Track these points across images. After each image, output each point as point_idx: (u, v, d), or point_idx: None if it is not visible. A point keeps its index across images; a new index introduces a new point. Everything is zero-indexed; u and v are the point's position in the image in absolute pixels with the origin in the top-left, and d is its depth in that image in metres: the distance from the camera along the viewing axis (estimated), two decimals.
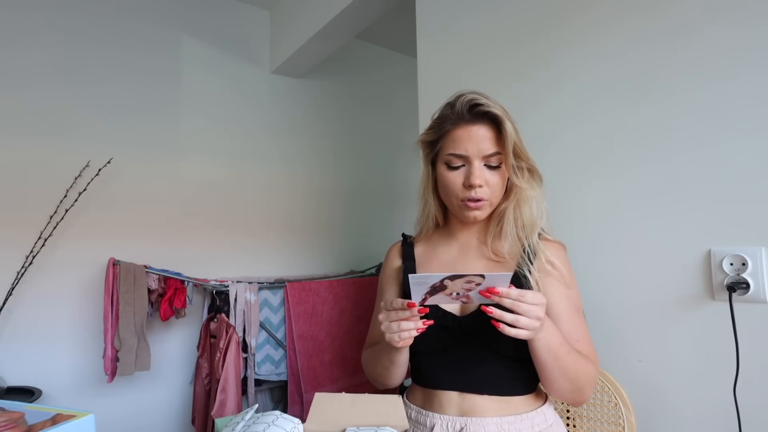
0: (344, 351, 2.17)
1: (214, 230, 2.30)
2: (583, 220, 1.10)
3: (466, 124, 0.83)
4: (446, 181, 0.86)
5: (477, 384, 0.82)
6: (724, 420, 0.85)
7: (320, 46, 2.26)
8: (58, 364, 1.89)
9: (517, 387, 0.83)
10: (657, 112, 0.98)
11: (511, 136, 0.81)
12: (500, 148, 0.83)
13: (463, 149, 0.83)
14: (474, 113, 0.83)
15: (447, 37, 1.49)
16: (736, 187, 0.86)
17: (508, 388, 0.82)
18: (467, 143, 0.82)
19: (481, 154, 0.82)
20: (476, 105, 0.83)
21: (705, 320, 0.90)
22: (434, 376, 0.86)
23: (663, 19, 0.97)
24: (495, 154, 0.83)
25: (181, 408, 2.17)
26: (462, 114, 0.84)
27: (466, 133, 0.83)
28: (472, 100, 0.83)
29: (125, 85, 2.12)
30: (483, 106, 0.82)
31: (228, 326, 1.88)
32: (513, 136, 0.82)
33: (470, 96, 0.84)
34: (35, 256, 1.78)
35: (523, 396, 0.84)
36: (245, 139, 2.45)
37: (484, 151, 0.82)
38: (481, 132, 0.82)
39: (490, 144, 0.82)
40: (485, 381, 0.82)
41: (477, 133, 0.82)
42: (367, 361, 0.97)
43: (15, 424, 0.56)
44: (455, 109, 0.85)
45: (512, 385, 0.83)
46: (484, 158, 0.83)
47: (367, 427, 0.63)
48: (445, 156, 0.86)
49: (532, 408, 0.84)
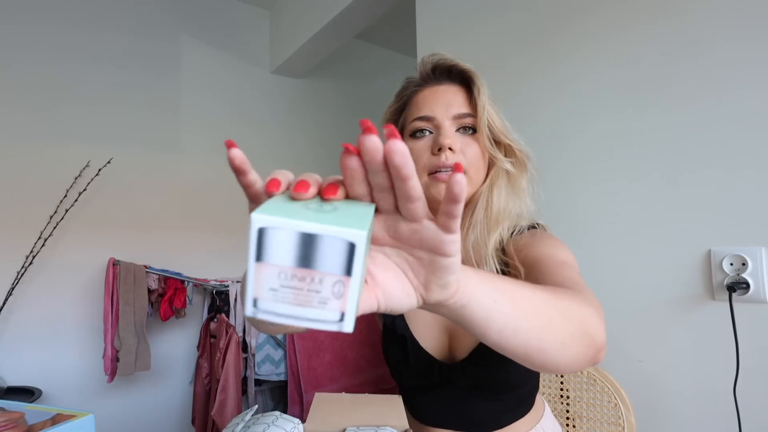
0: (344, 351, 2.16)
1: (214, 230, 2.30)
2: (584, 220, 1.10)
3: (432, 84, 0.71)
4: (411, 154, 0.72)
5: (475, 423, 0.73)
6: (724, 420, 0.85)
7: (320, 46, 2.26)
8: (58, 364, 1.89)
9: (517, 412, 0.75)
10: (658, 113, 0.98)
11: (484, 96, 0.68)
12: (473, 110, 0.68)
13: (429, 110, 0.69)
14: (440, 72, 0.72)
15: (447, 37, 1.49)
16: (736, 187, 0.86)
17: (508, 418, 0.74)
18: (433, 104, 0.69)
19: (451, 115, 0.68)
20: (442, 62, 0.71)
21: (705, 320, 0.90)
22: (429, 415, 0.76)
23: (668, 28, 0.97)
24: (467, 116, 0.68)
25: (181, 408, 2.17)
26: (427, 75, 0.72)
27: (432, 93, 0.70)
28: (437, 58, 0.72)
29: (125, 85, 2.12)
30: (448, 61, 0.71)
31: (228, 326, 1.89)
32: (486, 99, 0.68)
33: (435, 55, 0.72)
34: (35, 256, 1.78)
35: (523, 419, 0.75)
36: (245, 139, 2.44)
37: (453, 111, 0.68)
38: (450, 91, 0.70)
39: (461, 104, 0.69)
40: (484, 418, 0.73)
41: (445, 92, 0.70)
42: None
43: (15, 424, 0.56)
44: (419, 70, 0.73)
45: (512, 414, 0.74)
46: (455, 120, 0.68)
47: (367, 427, 0.63)
48: (410, 125, 0.70)
49: (531, 427, 0.76)
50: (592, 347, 0.44)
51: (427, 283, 0.32)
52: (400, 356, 0.75)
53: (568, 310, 0.43)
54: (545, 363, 0.41)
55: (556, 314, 0.41)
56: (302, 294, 0.25)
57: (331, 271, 0.25)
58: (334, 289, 0.25)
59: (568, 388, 1.01)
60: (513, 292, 0.38)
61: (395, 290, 0.31)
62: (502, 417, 0.73)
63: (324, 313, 0.25)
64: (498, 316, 0.36)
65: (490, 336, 0.37)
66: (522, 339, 0.38)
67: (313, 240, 0.24)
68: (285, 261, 0.25)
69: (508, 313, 0.36)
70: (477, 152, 0.68)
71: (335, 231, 0.24)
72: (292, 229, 0.24)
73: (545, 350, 0.40)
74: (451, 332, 0.74)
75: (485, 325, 0.36)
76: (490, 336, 0.37)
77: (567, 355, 0.41)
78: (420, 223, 0.30)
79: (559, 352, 0.40)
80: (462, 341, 0.72)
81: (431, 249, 0.30)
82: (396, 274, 0.32)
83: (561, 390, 1.02)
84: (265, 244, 0.25)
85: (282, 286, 0.25)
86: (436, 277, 0.31)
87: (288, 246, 0.24)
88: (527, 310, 0.38)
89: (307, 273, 0.25)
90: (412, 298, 0.32)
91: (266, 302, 0.25)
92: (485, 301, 0.35)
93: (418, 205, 0.29)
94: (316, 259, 0.25)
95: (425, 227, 0.29)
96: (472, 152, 0.68)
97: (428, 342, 0.74)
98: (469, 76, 0.70)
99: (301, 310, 0.25)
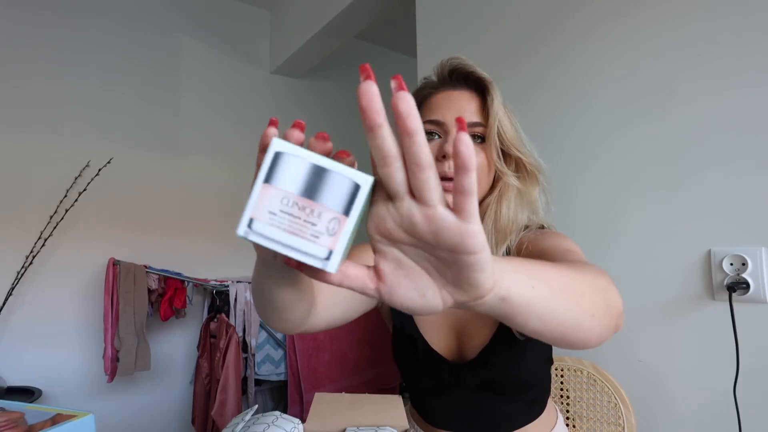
0: (344, 351, 2.16)
1: (214, 230, 2.30)
2: (584, 220, 1.10)
3: (448, 89, 0.72)
4: None
5: (487, 425, 0.72)
6: (724, 420, 0.85)
7: (320, 46, 2.26)
8: (58, 364, 1.89)
9: (529, 415, 0.73)
10: (658, 113, 0.98)
11: (497, 106, 0.68)
12: (485, 119, 0.69)
13: (440, 115, 0.69)
14: (456, 77, 0.72)
15: (447, 37, 1.49)
16: (736, 187, 0.86)
17: (519, 421, 0.72)
18: (445, 109, 0.69)
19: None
20: (460, 68, 0.71)
21: (705, 320, 0.90)
22: (442, 418, 0.75)
23: (668, 31, 0.97)
24: (477, 125, 0.69)
25: (181, 408, 2.17)
26: (443, 78, 0.73)
27: (446, 98, 0.70)
28: (456, 63, 0.71)
29: (125, 85, 2.12)
30: (466, 67, 0.70)
31: (228, 326, 1.89)
32: (500, 109, 0.68)
33: (455, 59, 0.72)
34: (35, 256, 1.78)
35: (535, 422, 0.74)
36: (245, 139, 2.45)
37: (464, 119, 0.70)
38: (464, 98, 0.70)
39: (473, 112, 0.69)
40: (495, 420, 0.72)
41: (458, 98, 0.70)
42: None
43: (15, 424, 0.56)
44: (437, 73, 0.74)
45: (524, 416, 0.73)
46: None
47: (367, 427, 0.63)
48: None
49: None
50: (615, 316, 0.44)
51: (456, 282, 0.29)
52: (410, 357, 0.74)
53: (592, 282, 0.43)
54: (578, 340, 0.40)
55: (585, 288, 0.42)
56: (298, 223, 0.26)
57: (332, 207, 0.26)
58: (329, 225, 0.26)
59: (568, 388, 1.01)
60: (546, 274, 0.38)
61: (404, 288, 0.30)
62: (514, 419, 0.72)
63: (314, 246, 0.26)
64: (537, 302, 0.35)
65: (530, 324, 0.36)
66: (560, 320, 0.37)
67: (323, 174, 0.26)
68: (292, 188, 0.26)
69: (547, 297, 0.35)
70: (482, 162, 0.68)
71: (345, 170, 0.26)
72: (307, 160, 0.26)
73: (579, 326, 0.39)
74: (460, 332, 0.73)
75: (526, 314, 0.34)
76: (531, 324, 0.36)
77: (596, 327, 0.41)
78: (434, 207, 0.26)
79: (590, 326, 0.40)
80: (471, 340, 0.71)
81: (452, 247, 0.27)
82: (411, 272, 0.30)
83: (561, 390, 1.02)
84: (278, 168, 0.26)
85: (281, 211, 0.26)
86: (465, 276, 0.28)
87: (298, 175, 0.26)
88: (561, 290, 0.38)
89: (309, 204, 0.26)
90: (435, 299, 0.30)
91: (261, 224, 0.26)
92: (524, 290, 0.33)
93: (430, 175, 0.26)
94: (321, 193, 0.26)
95: (441, 216, 0.26)
96: (478, 161, 0.67)
97: (437, 342, 0.73)
98: (485, 85, 0.69)
99: (292, 238, 0.26)
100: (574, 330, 0.39)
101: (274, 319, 0.51)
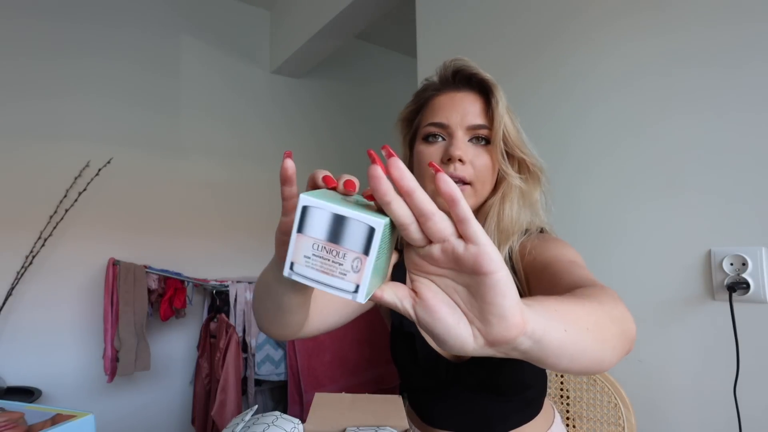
0: (344, 351, 2.16)
1: (214, 230, 2.30)
2: (584, 221, 1.10)
3: (451, 90, 0.71)
4: (421, 158, 0.70)
5: (483, 424, 0.73)
6: (724, 420, 0.85)
7: (320, 46, 2.26)
8: (58, 364, 1.89)
9: (525, 415, 0.74)
10: (657, 112, 0.98)
11: (501, 108, 0.67)
12: (488, 121, 0.68)
13: (444, 117, 0.69)
14: (460, 79, 0.71)
15: (447, 37, 1.49)
16: (736, 187, 0.86)
17: (516, 420, 0.73)
18: (449, 111, 0.69)
19: (465, 125, 0.68)
20: (463, 69, 0.70)
21: (705, 320, 0.90)
22: (439, 417, 0.75)
23: (669, 33, 0.97)
24: (482, 127, 0.68)
25: (181, 408, 2.17)
26: (447, 79, 0.72)
27: (449, 100, 0.70)
28: (459, 65, 0.71)
29: (125, 85, 2.12)
30: (470, 68, 0.70)
31: (228, 326, 1.89)
32: (505, 111, 0.68)
33: (458, 61, 0.71)
34: (35, 256, 1.78)
35: (532, 422, 0.74)
36: (245, 139, 2.45)
37: (468, 122, 0.68)
38: (468, 100, 0.69)
39: (477, 114, 0.68)
40: (492, 420, 0.73)
41: (462, 100, 0.69)
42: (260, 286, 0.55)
43: (15, 424, 0.56)
44: (440, 74, 0.73)
45: (520, 416, 0.74)
46: (468, 130, 0.68)
47: (367, 427, 0.63)
48: (424, 129, 0.71)
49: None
50: (629, 341, 0.46)
51: (482, 315, 0.30)
52: (408, 354, 0.74)
53: (611, 313, 0.44)
54: (597, 371, 0.42)
55: (606, 321, 0.43)
56: (328, 264, 0.31)
57: (353, 248, 0.30)
58: (353, 263, 0.30)
59: (568, 388, 1.01)
60: (573, 314, 0.39)
61: (443, 313, 0.31)
62: (510, 418, 0.72)
63: (343, 282, 0.31)
64: (570, 345, 0.36)
65: (561, 364, 0.37)
66: (588, 357, 0.39)
67: (343, 221, 0.30)
68: (319, 235, 0.31)
69: (578, 340, 0.37)
70: (487, 164, 0.68)
71: (360, 216, 0.30)
72: (328, 210, 0.30)
73: (602, 360, 0.41)
74: None
75: (560, 356, 0.35)
76: (562, 364, 0.37)
77: (615, 357, 0.43)
78: (448, 241, 0.30)
79: (610, 358, 0.42)
80: None
81: (471, 269, 0.30)
82: (449, 301, 0.32)
83: (561, 390, 1.02)
84: (306, 220, 0.31)
85: (314, 255, 0.31)
86: (488, 303, 0.30)
87: (323, 224, 0.31)
88: (589, 328, 0.39)
89: (335, 247, 0.31)
90: (467, 331, 0.31)
91: (299, 266, 0.32)
92: (557, 333, 0.34)
93: (435, 221, 0.30)
94: (343, 238, 0.30)
95: (454, 245, 0.30)
96: (482, 163, 0.68)
97: None
98: (489, 87, 0.69)
99: (325, 277, 0.31)
100: (598, 364, 0.41)
101: (276, 324, 0.52)
